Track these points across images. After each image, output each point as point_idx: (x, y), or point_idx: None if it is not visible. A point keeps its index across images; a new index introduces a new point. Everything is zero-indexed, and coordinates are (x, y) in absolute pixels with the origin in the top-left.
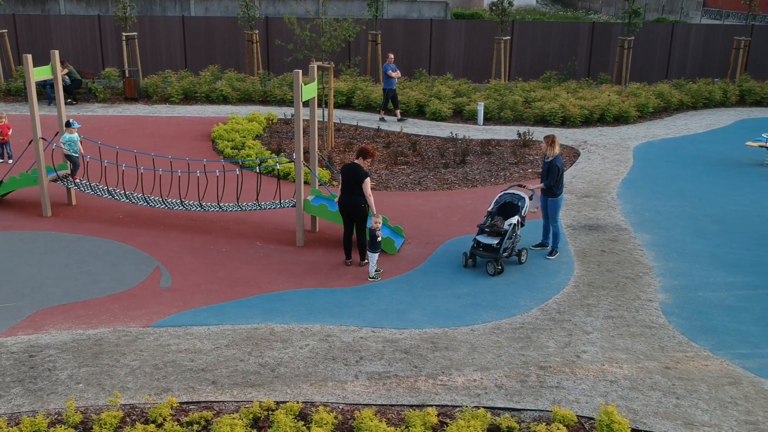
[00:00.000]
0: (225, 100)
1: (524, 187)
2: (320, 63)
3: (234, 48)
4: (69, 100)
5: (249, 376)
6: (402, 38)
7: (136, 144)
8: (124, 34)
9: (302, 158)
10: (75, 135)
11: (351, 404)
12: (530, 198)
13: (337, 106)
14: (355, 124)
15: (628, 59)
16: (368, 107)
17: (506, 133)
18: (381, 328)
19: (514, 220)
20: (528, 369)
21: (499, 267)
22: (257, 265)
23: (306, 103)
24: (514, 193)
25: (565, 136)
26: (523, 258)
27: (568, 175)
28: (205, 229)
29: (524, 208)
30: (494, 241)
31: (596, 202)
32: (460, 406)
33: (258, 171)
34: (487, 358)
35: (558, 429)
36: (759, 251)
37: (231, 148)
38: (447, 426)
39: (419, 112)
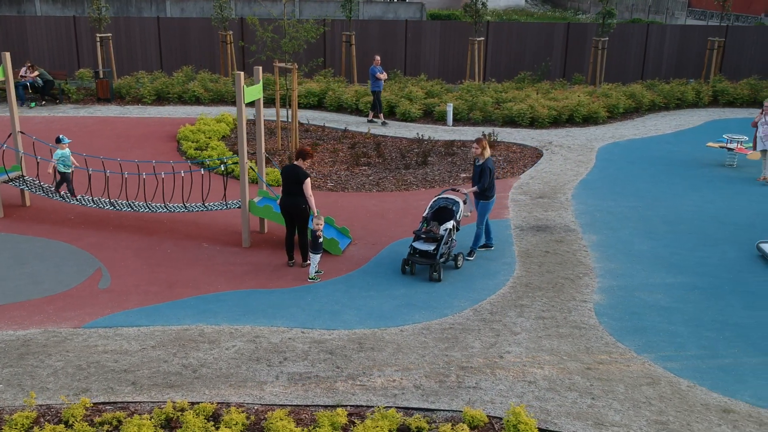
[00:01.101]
0: (198, 100)
1: (458, 191)
2: (283, 64)
3: (209, 49)
4: (42, 102)
5: (170, 377)
6: (377, 39)
7: (102, 144)
8: (98, 35)
9: (246, 159)
10: (67, 150)
11: (266, 405)
12: (464, 202)
13: (309, 106)
14: (322, 124)
15: (602, 60)
16: (339, 108)
17: (473, 134)
18: (311, 329)
19: (450, 225)
20: (449, 369)
21: (435, 273)
22: (199, 266)
23: (253, 104)
24: (448, 198)
25: (531, 136)
26: (459, 263)
27: (527, 176)
28: (154, 230)
29: (459, 213)
30: (431, 247)
31: (549, 202)
32: (373, 407)
33: (207, 170)
34: (410, 359)
35: (462, 429)
36: (704, 252)
37: (195, 149)
38: (354, 426)
39: (390, 113)
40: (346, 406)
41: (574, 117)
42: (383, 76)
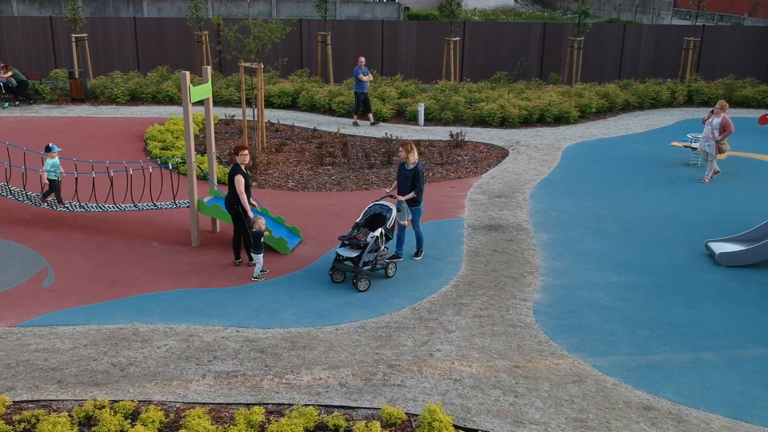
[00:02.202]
0: (171, 100)
1: (393, 198)
2: (248, 64)
3: (186, 49)
4: (16, 102)
5: (97, 375)
6: (354, 39)
7: (69, 144)
8: (73, 35)
9: (194, 159)
10: (56, 159)
11: (188, 403)
12: (398, 210)
13: (283, 106)
14: (292, 124)
15: (578, 59)
16: (312, 108)
17: (443, 133)
18: (246, 327)
19: (377, 233)
20: (377, 368)
21: (355, 280)
22: (145, 266)
23: (202, 103)
24: (383, 205)
25: (500, 136)
26: (390, 272)
27: (488, 175)
28: (106, 229)
29: (390, 220)
30: (354, 254)
31: (506, 202)
32: (292, 405)
33: (168, 168)
34: (340, 357)
35: (375, 427)
36: (653, 251)
37: (161, 149)
38: (270, 424)
39: (363, 113)
40: (268, 404)
41: (545, 117)
42: (367, 77)
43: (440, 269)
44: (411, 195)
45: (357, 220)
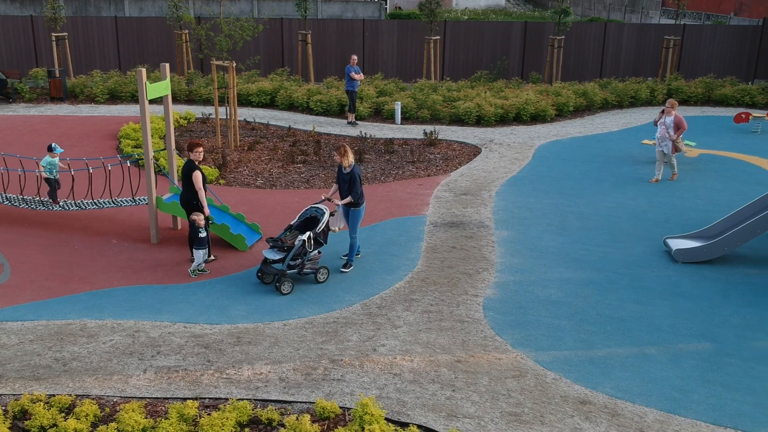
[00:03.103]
0: (151, 99)
1: (331, 201)
2: (220, 62)
3: (167, 48)
4: None
5: (38, 370)
6: (335, 38)
7: (42, 142)
8: (53, 34)
9: (152, 156)
10: (56, 159)
11: (125, 397)
12: (332, 214)
13: (261, 105)
14: (266, 123)
15: (558, 58)
16: (291, 107)
17: (418, 132)
18: (194, 323)
19: (305, 236)
20: (319, 362)
21: (278, 284)
22: (102, 262)
23: (161, 101)
24: (318, 208)
25: (474, 135)
26: (321, 277)
27: (457, 173)
28: (68, 226)
29: (321, 224)
30: (279, 257)
31: (471, 199)
32: (227, 399)
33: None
34: (284, 352)
35: (305, 420)
36: (611, 248)
37: (133, 147)
38: (201, 418)
39: (340, 111)
40: (205, 398)
41: (521, 115)
42: (359, 76)
43: (396, 266)
44: (348, 200)
45: (291, 222)
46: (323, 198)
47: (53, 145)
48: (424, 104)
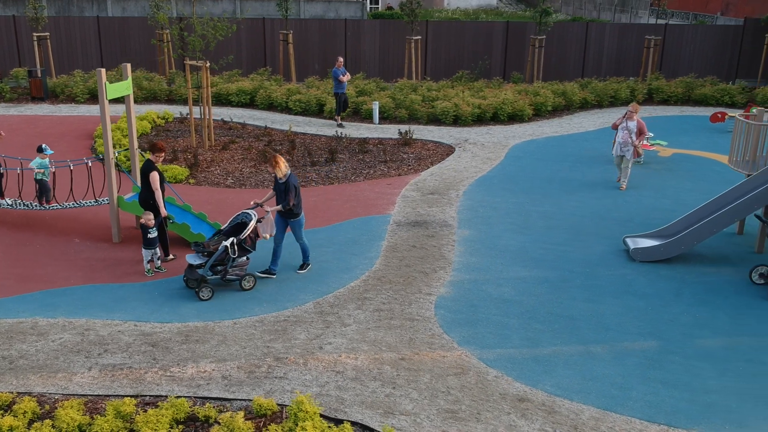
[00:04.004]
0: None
1: (261, 207)
2: (193, 62)
3: (149, 48)
4: None
5: None
6: (317, 38)
7: (18, 142)
8: (35, 34)
9: (112, 156)
10: (46, 160)
11: (67, 395)
12: (260, 220)
13: (241, 104)
14: (242, 122)
15: (539, 58)
16: (270, 106)
17: (395, 131)
18: (145, 322)
19: (228, 242)
20: (264, 360)
21: (197, 289)
22: (62, 261)
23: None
24: (248, 213)
25: (450, 134)
26: (247, 284)
27: (428, 173)
28: (33, 225)
29: (246, 231)
30: (200, 262)
31: (438, 198)
32: (167, 397)
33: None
34: (230, 350)
35: (238, 417)
36: (570, 247)
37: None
38: (138, 415)
39: (319, 111)
40: (146, 396)
41: (499, 115)
42: (346, 77)
43: (354, 265)
44: (278, 208)
45: (222, 227)
46: (253, 204)
47: (43, 146)
48: (402, 104)
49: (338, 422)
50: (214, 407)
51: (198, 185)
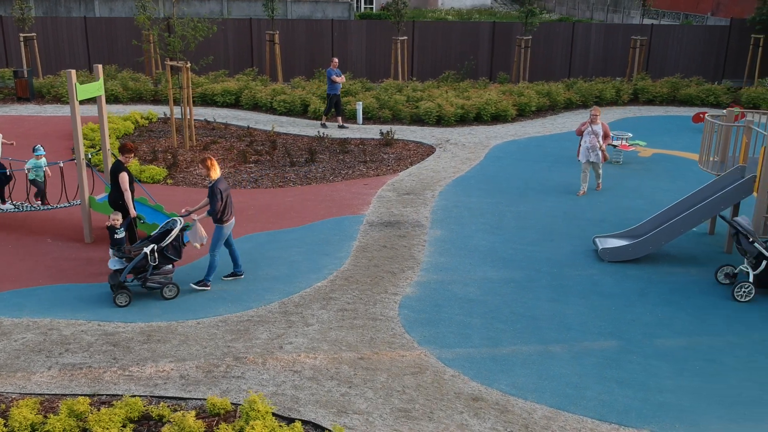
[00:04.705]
0: (116, 99)
1: (189, 214)
2: (174, 62)
3: (136, 48)
4: None
5: None
6: (304, 38)
7: None
8: (21, 34)
9: (83, 157)
10: (41, 161)
11: (24, 393)
12: (187, 227)
13: (226, 105)
14: (225, 122)
15: (525, 58)
16: (255, 107)
17: (377, 132)
18: (109, 322)
19: (148, 249)
20: (223, 360)
21: (114, 294)
22: (31, 261)
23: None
24: (176, 220)
25: (432, 134)
26: (167, 293)
27: (406, 173)
28: (6, 226)
29: (168, 238)
30: (116, 266)
31: (414, 199)
32: (121, 395)
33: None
34: (191, 350)
35: (189, 416)
36: (540, 247)
37: (88, 147)
38: (90, 414)
39: (303, 111)
40: (102, 395)
41: (482, 115)
42: (340, 79)
43: (323, 265)
44: (203, 216)
45: (152, 233)
46: (184, 211)
47: (37, 146)
48: (386, 104)
49: (290, 421)
50: (168, 406)
51: (176, 185)
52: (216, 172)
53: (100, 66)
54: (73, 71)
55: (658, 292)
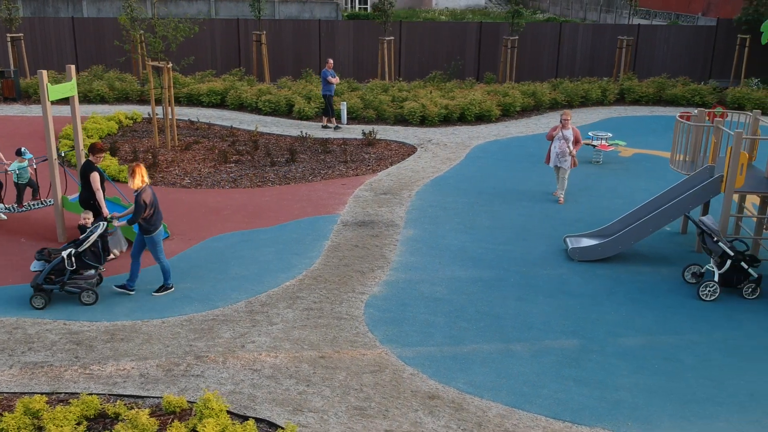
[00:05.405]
0: (102, 99)
1: (112, 219)
2: (155, 63)
3: (123, 49)
4: None
5: None
6: (291, 38)
7: None
8: (8, 35)
9: (55, 157)
10: (25, 163)
11: None
12: (108, 233)
13: (211, 105)
14: (208, 122)
15: (512, 59)
16: (240, 107)
17: (361, 132)
18: (75, 321)
19: (65, 253)
20: (184, 359)
21: (32, 297)
22: (2, 260)
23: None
24: (99, 225)
25: (415, 134)
26: (86, 299)
27: (385, 173)
28: None
29: (86, 243)
30: (36, 268)
31: (390, 198)
32: (79, 394)
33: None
34: (153, 349)
35: (142, 413)
36: (512, 246)
37: (70, 147)
38: (45, 412)
39: (288, 111)
40: (60, 393)
41: (466, 115)
42: (335, 80)
43: (293, 264)
44: (123, 223)
45: (80, 236)
46: (108, 216)
47: (22, 149)
48: (371, 104)
49: (244, 419)
50: (125, 404)
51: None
52: (138, 181)
53: (72, 67)
54: (45, 72)
55: (625, 291)
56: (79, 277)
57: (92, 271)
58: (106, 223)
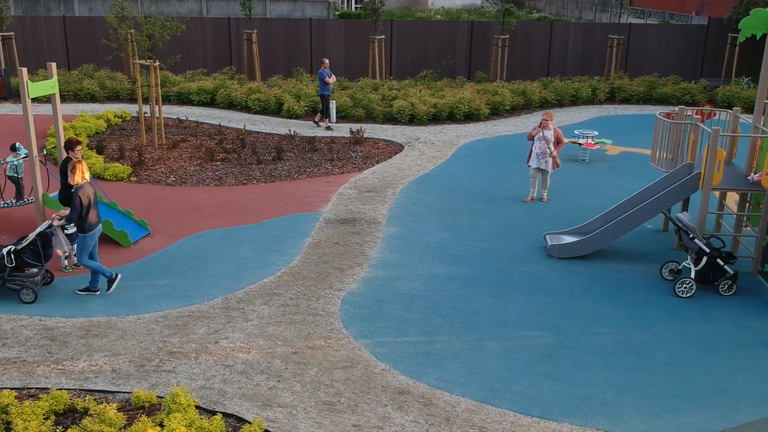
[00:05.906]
0: (93, 98)
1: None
2: (142, 61)
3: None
4: None
5: None
6: (282, 37)
7: None
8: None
9: (36, 154)
10: (20, 159)
11: None
12: (50, 233)
13: (202, 103)
14: (197, 120)
15: (503, 58)
16: (230, 105)
17: (349, 130)
18: (50, 317)
19: (5, 250)
20: (157, 355)
21: None
22: None
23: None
24: (45, 224)
25: (403, 133)
26: (24, 296)
27: (370, 171)
28: None
29: (25, 241)
30: None
31: (374, 196)
32: (49, 389)
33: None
34: (127, 345)
35: (109, 408)
36: (491, 243)
37: (55, 145)
38: (13, 407)
39: (278, 110)
40: (31, 388)
41: (455, 114)
42: (332, 79)
43: (273, 261)
44: (62, 222)
45: (29, 236)
46: (54, 216)
47: (17, 144)
48: (360, 103)
49: (212, 414)
50: (95, 399)
51: (139, 183)
52: (78, 178)
53: (53, 64)
54: (24, 69)
55: (602, 287)
56: (21, 274)
57: (35, 270)
58: (50, 222)
